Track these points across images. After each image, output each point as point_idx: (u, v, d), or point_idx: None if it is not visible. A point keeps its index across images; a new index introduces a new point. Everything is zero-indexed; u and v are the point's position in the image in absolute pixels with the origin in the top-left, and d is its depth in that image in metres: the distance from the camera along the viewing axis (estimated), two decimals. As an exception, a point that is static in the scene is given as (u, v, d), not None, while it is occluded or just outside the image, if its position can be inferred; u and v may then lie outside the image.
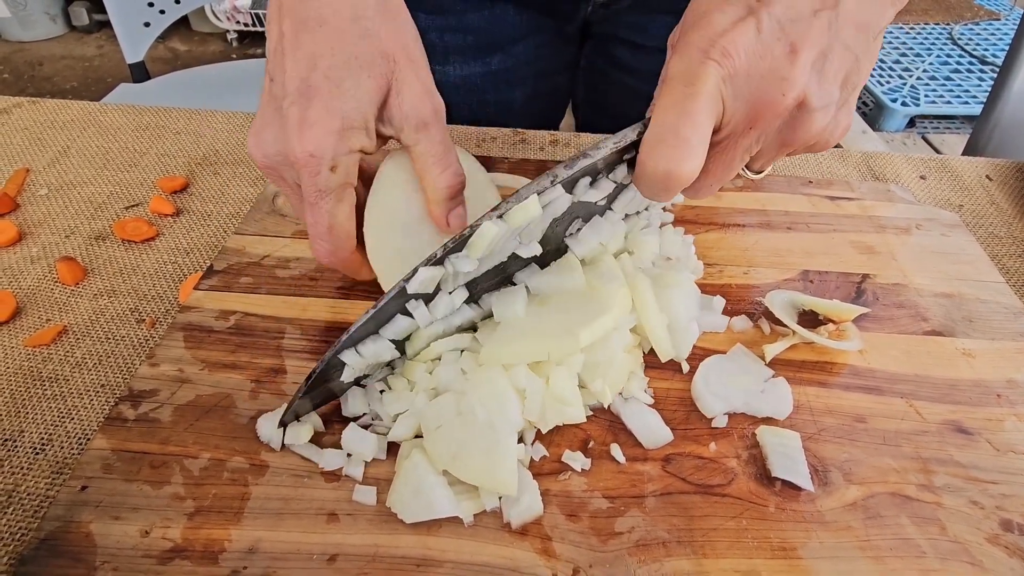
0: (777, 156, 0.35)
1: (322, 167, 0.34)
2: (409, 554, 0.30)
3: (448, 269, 0.35)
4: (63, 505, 0.31)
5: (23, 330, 0.44)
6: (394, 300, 0.34)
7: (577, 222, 0.40)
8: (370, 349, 0.35)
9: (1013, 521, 0.33)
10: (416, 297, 0.36)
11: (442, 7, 0.63)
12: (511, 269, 0.40)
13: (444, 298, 0.37)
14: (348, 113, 0.34)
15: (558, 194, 0.35)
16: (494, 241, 0.34)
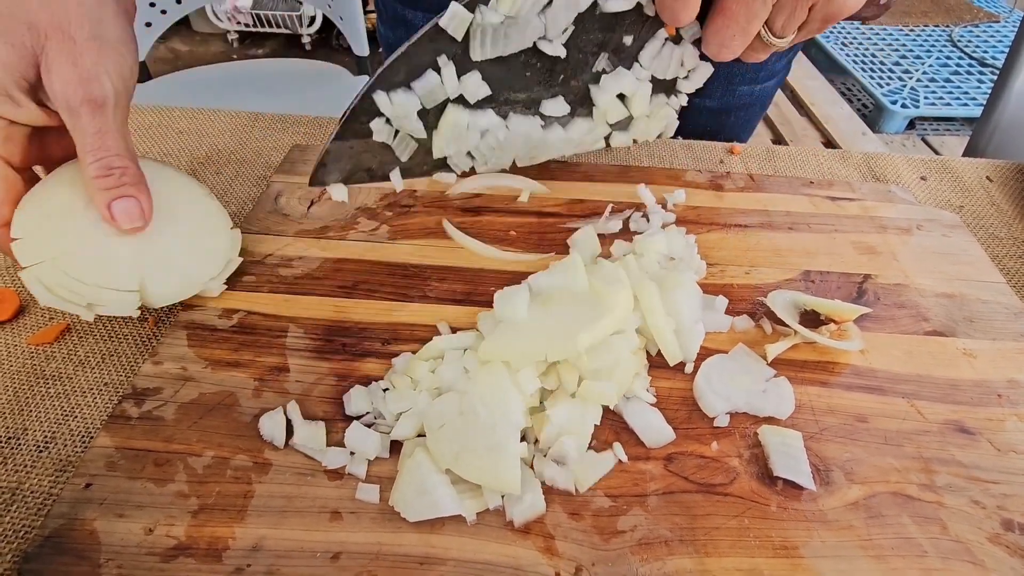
0: (795, 11, 0.36)
1: None
2: (412, 552, 0.31)
3: (477, 19, 0.37)
4: (67, 502, 0.31)
5: (26, 328, 0.44)
6: (425, 44, 0.37)
7: (603, 60, 0.42)
8: (400, 98, 0.37)
9: (1014, 521, 0.33)
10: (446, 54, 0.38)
11: (441, 6, 0.63)
12: (536, 89, 0.42)
13: (474, 76, 0.39)
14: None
15: None
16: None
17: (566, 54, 0.41)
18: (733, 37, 0.38)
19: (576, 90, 0.44)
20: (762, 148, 0.64)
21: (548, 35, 0.39)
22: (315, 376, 0.38)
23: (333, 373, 0.38)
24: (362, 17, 1.38)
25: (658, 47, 0.43)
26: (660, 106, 0.47)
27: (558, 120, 0.44)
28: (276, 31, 2.76)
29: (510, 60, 0.39)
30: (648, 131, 0.50)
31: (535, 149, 0.48)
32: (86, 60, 0.36)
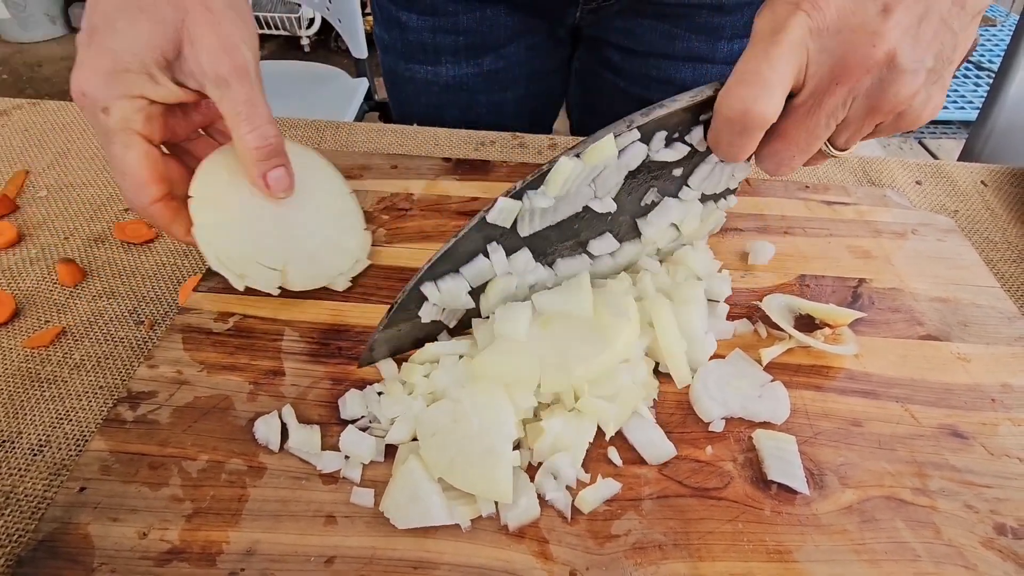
0: (864, 127, 0.33)
1: (96, 108, 0.34)
2: (406, 556, 0.31)
3: (525, 204, 0.36)
4: (61, 506, 0.31)
5: (22, 331, 0.44)
6: (473, 235, 0.36)
7: (652, 192, 0.41)
8: (448, 285, 0.37)
9: (1007, 525, 0.33)
10: (495, 239, 0.37)
11: (434, 8, 0.63)
12: (584, 233, 0.41)
13: (523, 254, 0.38)
14: (120, 55, 0.34)
15: (633, 139, 0.36)
16: (570, 179, 0.35)
17: (616, 205, 0.40)
18: (792, 158, 0.35)
19: (624, 224, 0.42)
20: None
21: (598, 195, 0.38)
22: (310, 380, 0.38)
23: (328, 377, 0.38)
24: (361, 20, 1.38)
25: (709, 170, 0.41)
26: (711, 212, 0.45)
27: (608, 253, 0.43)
28: (275, 33, 2.76)
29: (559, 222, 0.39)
30: (699, 234, 0.47)
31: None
32: (226, 30, 0.35)
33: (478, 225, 0.36)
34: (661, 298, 0.40)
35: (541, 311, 0.38)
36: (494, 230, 0.37)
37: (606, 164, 0.36)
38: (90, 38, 0.34)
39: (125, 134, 0.35)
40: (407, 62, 0.69)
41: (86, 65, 0.34)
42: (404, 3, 0.65)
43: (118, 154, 0.36)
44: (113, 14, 0.34)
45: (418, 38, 0.66)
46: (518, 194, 0.36)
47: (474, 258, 0.37)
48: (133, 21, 0.34)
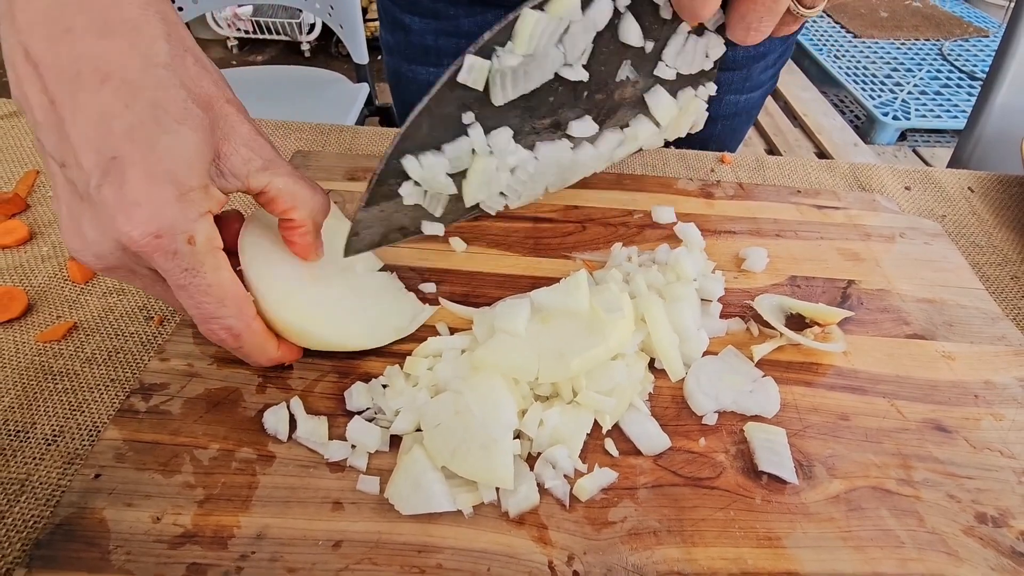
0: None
1: (177, 244, 0.29)
2: (410, 541, 0.32)
3: (495, 64, 0.35)
4: (77, 492, 0.32)
5: (35, 326, 0.45)
6: (446, 96, 0.35)
7: (626, 67, 0.40)
8: (429, 161, 0.36)
9: (987, 514, 0.34)
10: (470, 107, 0.36)
11: (436, 12, 0.65)
12: (561, 112, 0.40)
13: (503, 132, 0.38)
14: (179, 175, 0.28)
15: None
16: (536, 34, 0.35)
17: (588, 75, 0.40)
18: (761, 19, 0.35)
19: (601, 103, 0.42)
20: (752, 158, 0.66)
21: (568, 61, 0.38)
22: (318, 373, 0.39)
23: (335, 370, 0.40)
24: (362, 25, 1.40)
25: (681, 43, 0.41)
26: (689, 100, 0.46)
27: (587, 139, 0.43)
28: (276, 38, 2.79)
29: (532, 92, 0.39)
30: (680, 128, 0.47)
31: (566, 172, 0.46)
32: (245, 113, 0.33)
33: (449, 84, 0.35)
34: (652, 295, 0.41)
35: (539, 307, 0.39)
36: (467, 94, 0.36)
37: (571, 18, 0.36)
38: (119, 173, 0.27)
39: (214, 255, 0.30)
40: (410, 63, 0.71)
41: (147, 201, 0.27)
42: (408, 7, 0.66)
43: (212, 281, 0.30)
44: (145, 133, 0.28)
45: (421, 40, 0.68)
46: (484, 50, 0.35)
47: (454, 134, 0.37)
48: (175, 134, 0.28)
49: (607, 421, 0.37)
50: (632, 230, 0.52)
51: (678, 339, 0.40)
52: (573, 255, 0.49)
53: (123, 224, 0.27)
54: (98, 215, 0.28)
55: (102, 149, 0.27)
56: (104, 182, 0.27)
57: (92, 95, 0.27)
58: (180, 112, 0.29)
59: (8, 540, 0.34)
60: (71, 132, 0.27)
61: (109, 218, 0.28)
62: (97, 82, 0.27)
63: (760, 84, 0.70)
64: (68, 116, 0.27)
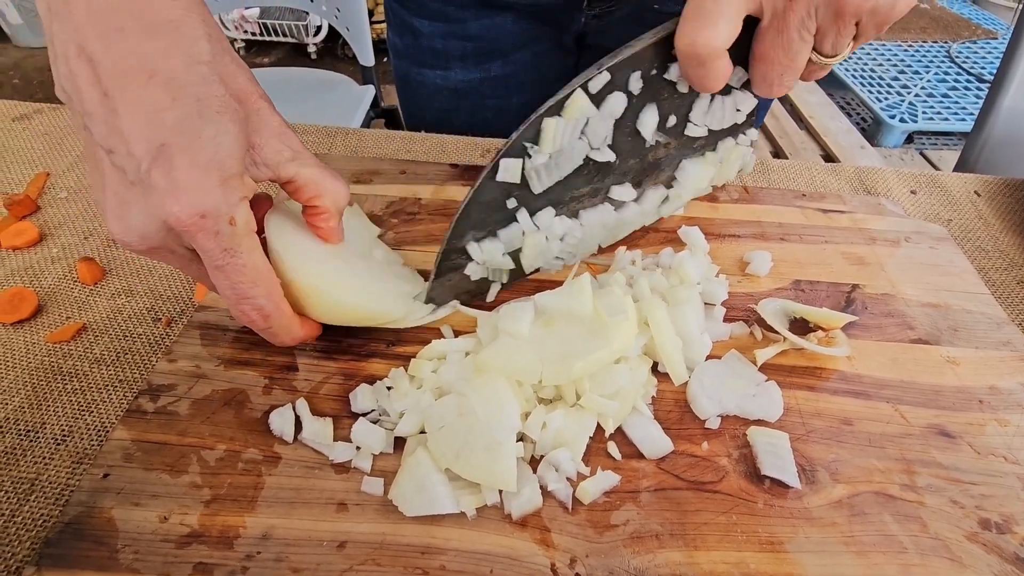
0: (842, 31, 0.35)
1: (219, 225, 0.31)
2: (414, 542, 0.32)
3: (527, 164, 0.41)
4: (86, 491, 0.33)
5: (44, 327, 0.46)
6: (489, 190, 0.41)
7: (655, 133, 0.44)
8: (487, 246, 0.42)
9: (991, 520, 0.34)
10: (513, 195, 0.42)
11: (446, 15, 0.65)
12: (599, 180, 0.45)
13: (547, 212, 0.44)
14: (221, 163, 0.31)
15: (604, 81, 0.39)
16: (557, 136, 0.40)
17: (615, 154, 0.44)
18: (781, 76, 0.37)
19: (635, 168, 0.46)
20: (756, 161, 0.66)
21: (593, 146, 0.43)
22: (323, 375, 0.40)
23: (340, 372, 0.40)
24: (368, 27, 1.40)
25: (706, 104, 0.44)
26: (731, 150, 0.48)
27: (630, 200, 0.47)
28: (282, 40, 2.80)
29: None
30: (725, 175, 0.50)
31: (615, 230, 0.49)
32: (273, 108, 0.35)
33: (490, 177, 0.40)
34: (656, 299, 0.41)
35: (543, 310, 0.40)
36: (509, 186, 0.41)
37: (588, 115, 0.40)
38: (167, 160, 0.30)
39: (250, 237, 0.33)
40: (419, 67, 0.71)
41: (195, 186, 0.30)
42: (417, 10, 0.67)
43: (247, 261, 0.33)
44: (192, 124, 0.30)
45: (429, 43, 0.68)
46: (513, 150, 0.40)
47: (502, 217, 0.42)
48: (218, 125, 0.31)
49: (610, 424, 0.37)
50: (636, 233, 0.52)
51: (681, 343, 0.40)
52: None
53: (171, 205, 0.30)
54: (147, 197, 0.30)
55: (151, 138, 0.29)
56: (154, 167, 0.29)
57: (141, 89, 0.29)
58: (220, 106, 0.31)
59: (18, 538, 0.34)
60: (122, 122, 0.29)
61: (158, 200, 0.30)
62: (145, 78, 0.29)
63: None
64: (120, 108, 0.29)
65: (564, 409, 0.37)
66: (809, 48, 0.37)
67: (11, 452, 0.38)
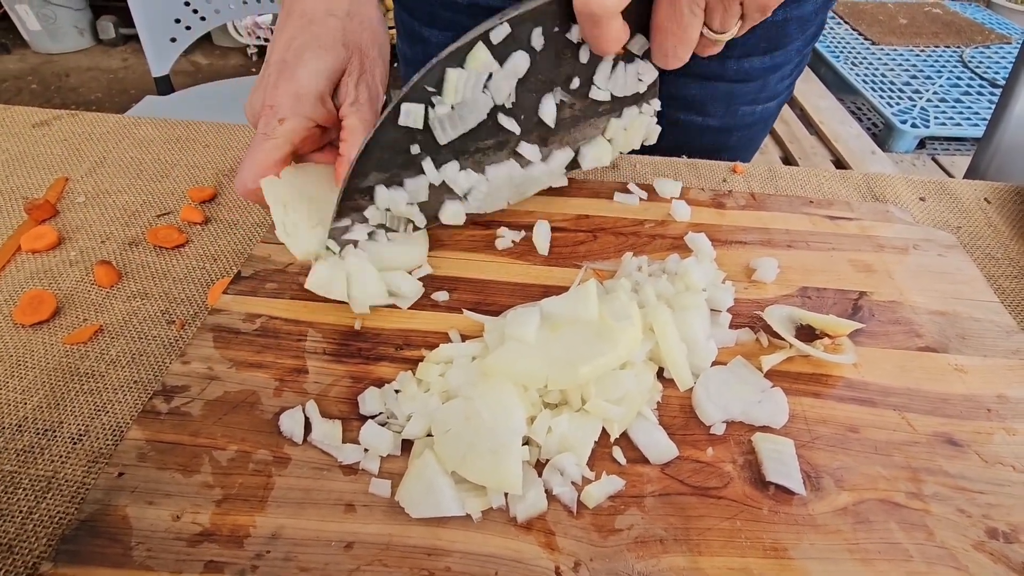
0: (727, 10, 0.39)
1: (274, 117, 0.43)
2: (420, 544, 0.32)
3: (431, 113, 0.43)
4: (101, 490, 0.34)
5: (62, 328, 0.47)
6: (392, 130, 0.43)
7: (559, 92, 0.46)
8: (393, 194, 0.45)
9: (999, 529, 0.34)
10: (418, 142, 0.44)
11: (455, 24, 0.66)
12: (504, 134, 0.46)
13: (452, 165, 0.46)
14: (304, 82, 0.43)
15: (504, 33, 0.41)
16: (459, 87, 0.42)
17: (518, 111, 0.45)
18: (675, 47, 0.41)
19: (541, 126, 0.47)
20: (764, 168, 0.66)
21: (497, 103, 0.44)
22: (332, 378, 0.40)
23: (349, 375, 0.41)
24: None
25: (608, 69, 0.46)
26: (634, 118, 0.50)
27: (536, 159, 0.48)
28: (295, 46, 2.83)
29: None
30: (630, 142, 0.52)
31: (522, 187, 0.51)
32: (375, 71, 0.46)
33: (392, 121, 0.42)
34: (661, 305, 0.42)
35: (549, 316, 0.40)
36: (413, 131, 0.43)
37: (490, 70, 0.42)
38: (281, 68, 0.44)
39: (285, 140, 0.43)
40: None
41: (279, 87, 0.43)
42: (427, 20, 0.68)
43: (264, 147, 0.43)
44: (302, 51, 0.44)
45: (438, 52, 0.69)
46: (414, 94, 0.42)
47: (403, 161, 0.44)
48: (317, 56, 0.44)
49: (615, 429, 0.37)
50: (643, 239, 0.52)
51: (687, 349, 0.41)
52: (584, 264, 0.50)
53: (266, 95, 0.44)
54: (262, 87, 0.45)
55: (281, 53, 0.45)
56: (272, 71, 0.44)
57: (289, 22, 0.46)
58: (329, 46, 0.44)
59: (35, 535, 0.35)
60: (276, 39, 0.46)
61: (264, 89, 0.44)
62: (298, 16, 0.45)
63: (776, 94, 0.70)
64: (278, 31, 0.46)
65: (569, 414, 0.37)
66: (699, 23, 0.40)
67: (29, 450, 0.39)
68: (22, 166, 0.62)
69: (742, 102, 0.68)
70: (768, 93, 0.69)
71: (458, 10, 0.65)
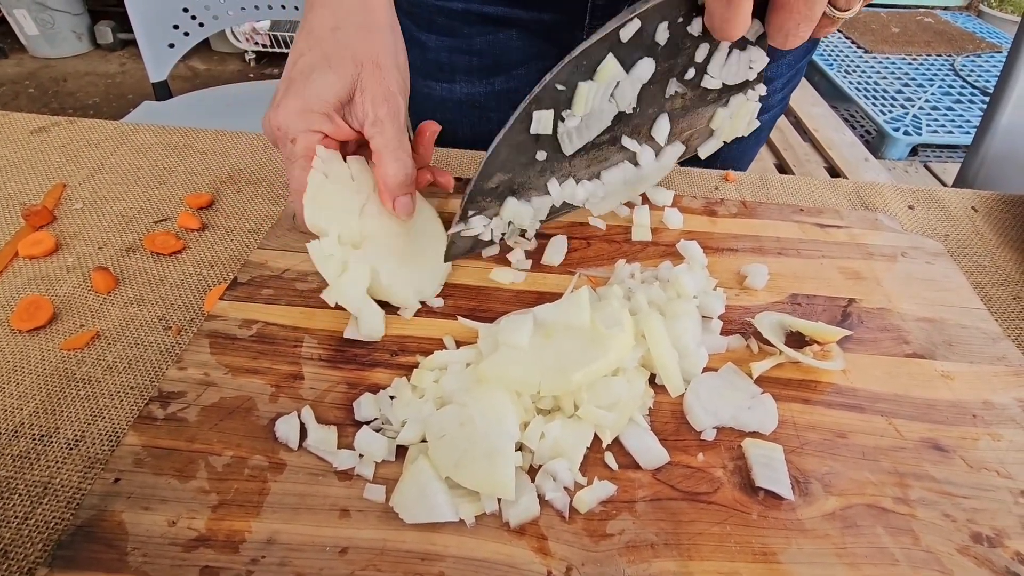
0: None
1: (286, 139, 0.43)
2: (414, 549, 0.33)
3: (560, 127, 0.44)
4: (98, 495, 0.34)
5: (59, 334, 0.47)
6: (520, 131, 0.44)
7: (674, 84, 0.46)
8: (521, 208, 0.47)
9: (983, 534, 0.35)
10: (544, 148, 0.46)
11: (452, 31, 0.67)
12: (618, 129, 0.48)
13: (570, 183, 0.48)
14: (309, 99, 0.43)
15: (634, 29, 0.41)
16: (590, 99, 0.43)
17: (636, 112, 0.47)
18: (799, 25, 0.39)
19: (654, 117, 0.48)
20: (756, 176, 0.67)
21: (620, 109, 0.45)
22: (328, 384, 0.41)
23: (344, 381, 0.41)
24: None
25: (723, 57, 0.46)
26: (741, 104, 0.50)
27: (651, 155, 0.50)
28: (292, 52, 2.84)
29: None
30: (735, 130, 0.52)
31: (636, 186, 0.53)
32: (388, 82, 0.44)
33: (522, 121, 0.43)
34: (652, 312, 0.42)
35: (542, 323, 0.41)
36: (541, 143, 0.45)
37: (618, 79, 0.43)
38: (288, 87, 0.43)
39: (305, 159, 0.43)
40: (424, 79, 0.73)
41: (283, 106, 0.43)
42: (425, 25, 0.69)
43: (297, 175, 0.44)
44: (308, 69, 0.43)
45: (436, 57, 0.70)
46: (544, 102, 0.43)
47: (526, 161, 0.46)
48: (323, 74, 0.43)
49: (607, 435, 0.38)
50: (636, 247, 0.53)
51: (678, 355, 0.41)
52: (577, 271, 0.50)
53: (272, 116, 0.44)
54: (274, 105, 0.44)
55: (290, 71, 0.44)
56: (280, 89, 0.44)
57: (300, 38, 0.45)
58: (336, 63, 0.43)
59: (31, 540, 0.35)
60: (290, 55, 0.45)
61: (279, 108, 0.43)
62: (308, 32, 0.45)
63: (770, 107, 0.71)
64: (292, 47, 0.46)
65: (562, 420, 0.38)
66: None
67: (25, 456, 0.39)
68: (20, 172, 0.63)
69: None
70: (763, 105, 0.70)
71: (453, 16, 0.65)
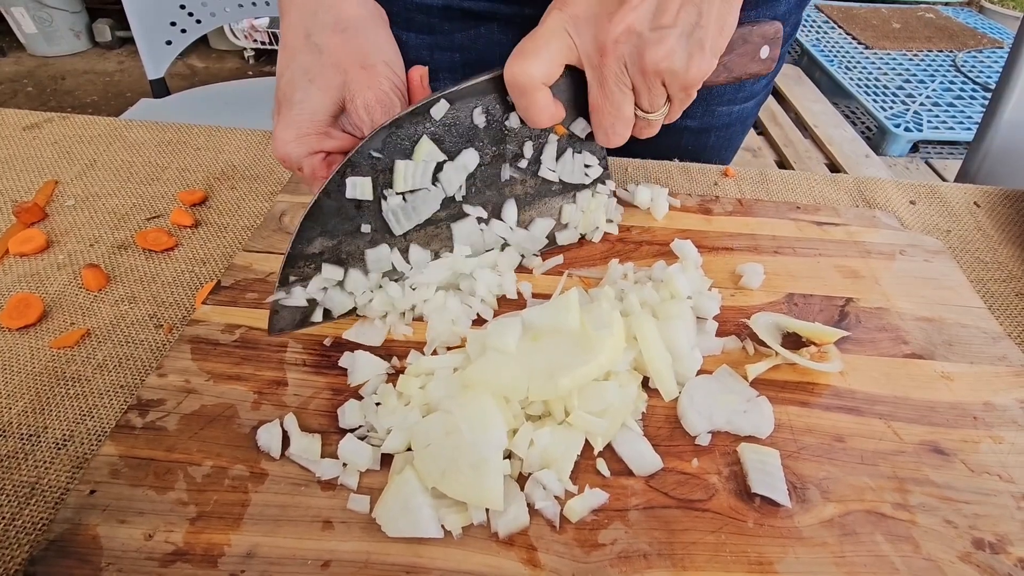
0: (653, 89, 0.40)
1: (294, 166, 0.43)
2: (399, 561, 0.32)
3: (384, 206, 0.43)
4: (72, 508, 0.33)
5: (49, 332, 0.46)
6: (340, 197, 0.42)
7: (507, 169, 0.47)
8: (355, 275, 0.44)
9: (985, 540, 0.34)
10: (372, 230, 0.44)
11: (431, 28, 0.66)
12: (455, 207, 0.47)
13: (417, 251, 0.46)
14: (301, 124, 0.41)
15: (443, 109, 0.42)
16: (408, 176, 0.42)
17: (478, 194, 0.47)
18: (613, 125, 0.42)
19: (493, 199, 0.48)
20: (756, 171, 0.66)
21: (448, 194, 0.45)
22: (312, 390, 0.40)
23: (329, 387, 0.40)
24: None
25: (554, 150, 0.47)
26: (588, 200, 0.51)
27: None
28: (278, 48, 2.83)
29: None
30: (595, 221, 0.52)
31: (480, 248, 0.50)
32: (379, 81, 0.42)
33: (336, 192, 0.42)
34: (644, 314, 0.41)
35: (530, 326, 0.39)
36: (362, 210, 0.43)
37: (436, 159, 0.43)
38: (278, 112, 0.42)
39: (314, 180, 0.43)
40: None
41: (278, 137, 0.42)
42: (405, 24, 0.67)
43: (314, 191, 0.42)
44: (289, 89, 0.41)
45: (417, 55, 0.69)
46: (360, 168, 0.42)
47: (354, 233, 0.44)
48: (306, 92, 0.41)
49: (599, 442, 0.37)
50: (629, 246, 0.52)
51: (671, 358, 0.40)
52: (566, 271, 0.49)
53: (273, 146, 0.43)
54: (274, 126, 0.42)
55: (276, 95, 0.43)
56: (276, 110, 0.43)
57: (280, 55, 0.44)
58: (317, 75, 0.41)
59: (17, 542, 0.34)
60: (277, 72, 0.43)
61: (278, 135, 0.42)
62: (282, 47, 0.43)
63: (753, 94, 0.70)
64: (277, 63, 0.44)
65: (552, 426, 0.37)
66: (630, 101, 0.41)
67: (13, 456, 0.38)
68: (11, 169, 0.62)
69: (719, 103, 0.68)
70: (745, 93, 0.69)
71: (432, 14, 0.64)
